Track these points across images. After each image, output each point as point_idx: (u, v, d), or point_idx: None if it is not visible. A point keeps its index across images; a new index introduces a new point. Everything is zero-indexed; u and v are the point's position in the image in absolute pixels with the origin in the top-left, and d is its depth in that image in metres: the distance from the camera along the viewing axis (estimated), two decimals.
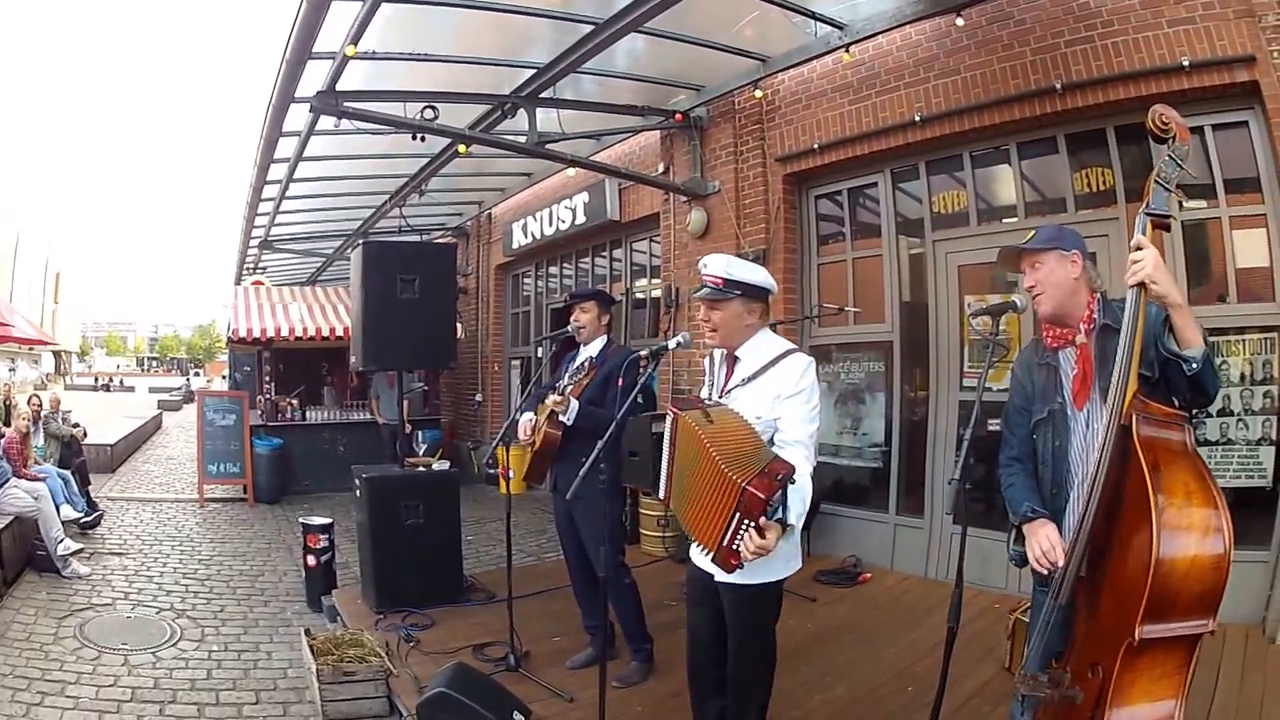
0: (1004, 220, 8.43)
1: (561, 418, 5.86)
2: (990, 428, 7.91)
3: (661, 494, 4.22)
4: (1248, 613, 6.34)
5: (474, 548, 8.90)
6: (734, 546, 3.57)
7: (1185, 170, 3.08)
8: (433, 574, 7.78)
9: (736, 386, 4.15)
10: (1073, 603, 3.15)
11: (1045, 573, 3.25)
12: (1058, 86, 7.31)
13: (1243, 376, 6.82)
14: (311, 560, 8.36)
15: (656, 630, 6.31)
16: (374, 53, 7.82)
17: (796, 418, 3.95)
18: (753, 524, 3.52)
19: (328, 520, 8.51)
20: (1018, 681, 3.27)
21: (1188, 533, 2.71)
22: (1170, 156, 3.08)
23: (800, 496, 3.71)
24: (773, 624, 4.30)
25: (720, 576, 4.06)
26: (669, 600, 7.39)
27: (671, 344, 4.57)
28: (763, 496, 3.48)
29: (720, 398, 4.20)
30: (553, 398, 5.94)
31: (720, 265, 4.21)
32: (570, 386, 6.00)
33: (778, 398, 3.97)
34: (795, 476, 3.61)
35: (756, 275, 4.23)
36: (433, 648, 6.62)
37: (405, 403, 10.85)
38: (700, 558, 4.24)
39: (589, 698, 5.27)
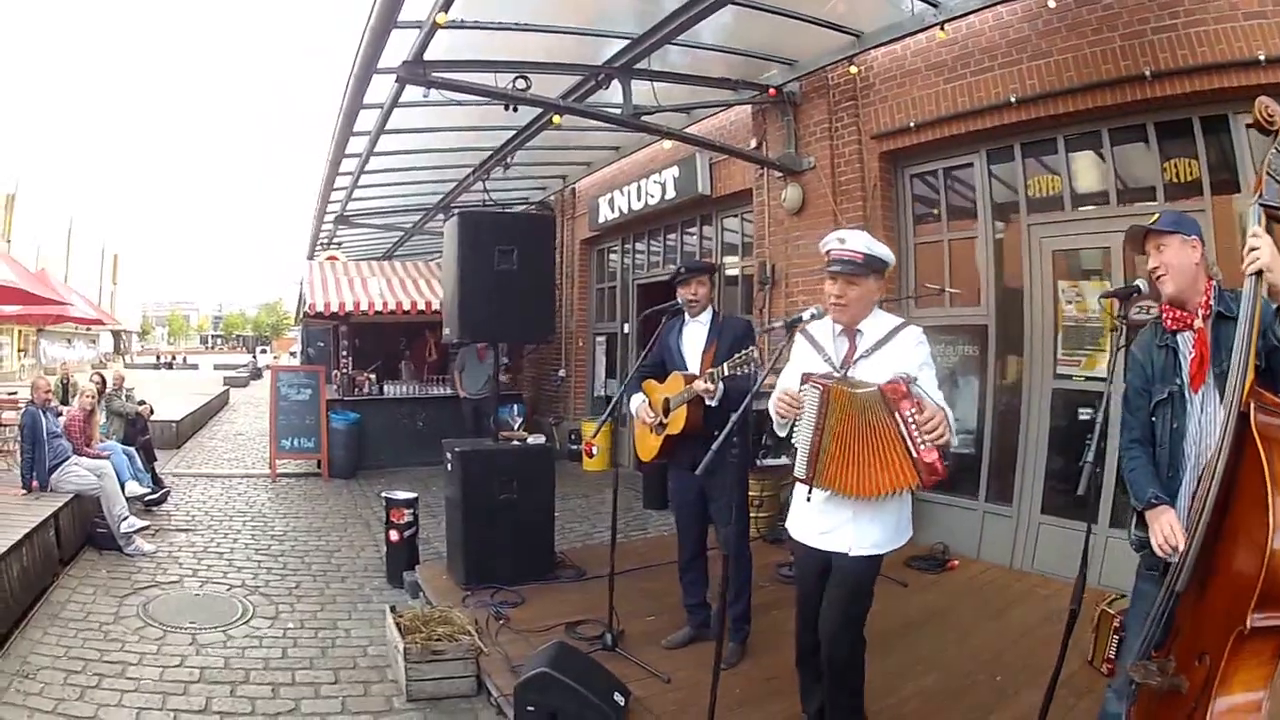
0: (1097, 206, 8.26)
1: (710, 402, 5.78)
2: (1081, 417, 7.77)
3: (803, 473, 4.25)
4: None
5: (558, 524, 8.87)
6: (921, 445, 3.84)
7: None
8: (523, 550, 7.76)
9: (861, 358, 4.28)
10: (1183, 590, 3.14)
11: (1166, 557, 3.26)
12: (1147, 74, 7.19)
13: None
14: (394, 535, 8.35)
15: (751, 612, 6.27)
16: (463, 21, 7.73)
17: (930, 385, 4.08)
18: (912, 409, 3.85)
19: (413, 495, 8.51)
20: (1131, 670, 3.26)
21: None
22: (1278, 149, 3.18)
23: (951, 419, 4.03)
24: (870, 599, 4.41)
25: (848, 549, 4.22)
26: (762, 582, 7.32)
27: (806, 315, 4.54)
28: (898, 380, 3.88)
29: (843, 370, 4.29)
30: (700, 384, 5.78)
31: (862, 241, 4.35)
32: (711, 370, 5.82)
33: (909, 370, 4.03)
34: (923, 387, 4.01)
35: (888, 252, 4.40)
36: (523, 625, 6.60)
37: (497, 376, 10.84)
38: (817, 536, 4.34)
39: (685, 678, 5.30)
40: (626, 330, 15.30)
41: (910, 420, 3.82)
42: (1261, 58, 6.53)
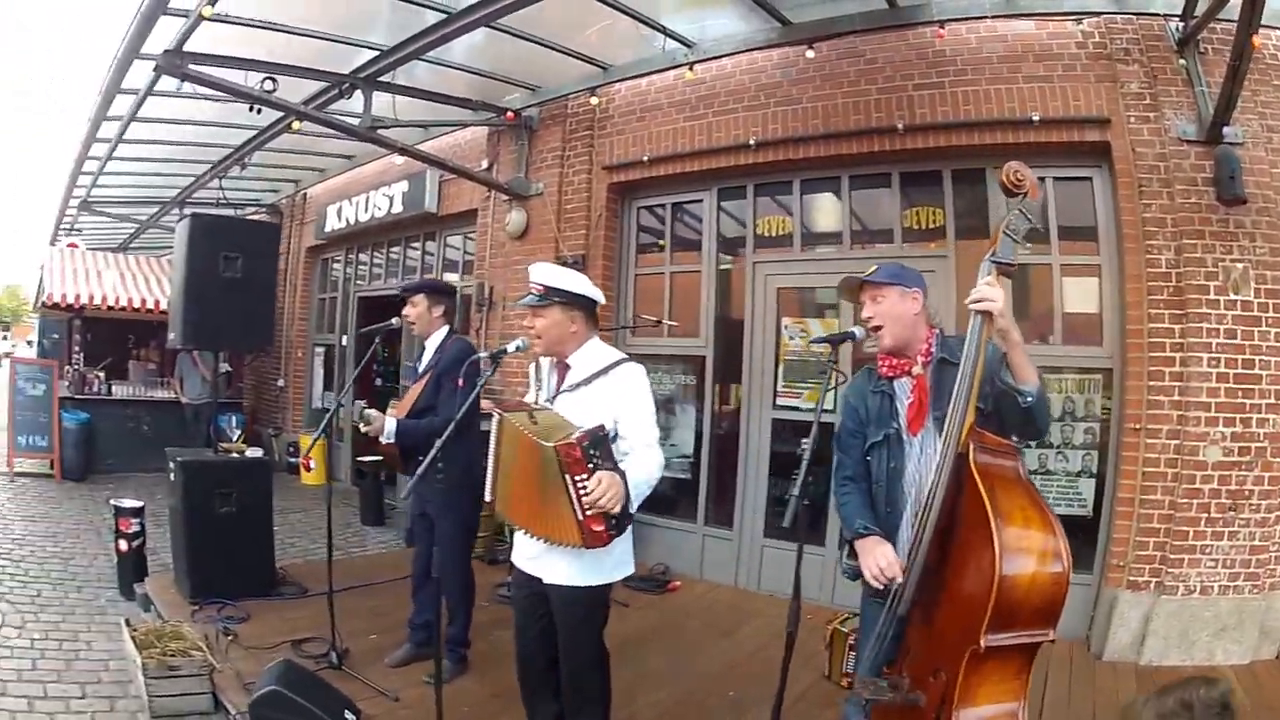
0: (828, 248, 8.66)
1: (382, 439, 5.78)
2: (804, 447, 8.20)
3: (488, 496, 4.28)
4: (1073, 630, 6.85)
5: (279, 538, 8.63)
6: (589, 512, 3.73)
7: (1034, 224, 3.27)
8: (246, 565, 7.53)
9: (565, 392, 4.24)
10: (906, 613, 3.32)
11: (880, 587, 3.37)
12: (899, 126, 7.56)
13: (1064, 413, 7.23)
14: (124, 545, 7.99)
15: (472, 632, 6.37)
16: (226, 15, 7.52)
17: (642, 424, 4.12)
18: (584, 477, 3.71)
19: (140, 503, 8.18)
20: (858, 686, 3.44)
21: (1028, 553, 2.93)
22: (1020, 211, 3.27)
23: (655, 462, 4.05)
24: (601, 627, 4.40)
25: (549, 579, 4.19)
26: (482, 602, 7.40)
27: (510, 347, 4.55)
28: (574, 441, 3.70)
29: (549, 403, 4.27)
30: (362, 425, 5.82)
31: (541, 273, 4.31)
32: (392, 404, 5.94)
33: (615, 407, 4.09)
34: (609, 432, 3.92)
35: (577, 284, 4.30)
36: (251, 642, 6.42)
37: (215, 384, 10.60)
38: (525, 561, 4.34)
39: (412, 696, 5.34)
40: (345, 343, 14.99)
41: (580, 486, 3.71)
42: (1035, 118, 7.00)
